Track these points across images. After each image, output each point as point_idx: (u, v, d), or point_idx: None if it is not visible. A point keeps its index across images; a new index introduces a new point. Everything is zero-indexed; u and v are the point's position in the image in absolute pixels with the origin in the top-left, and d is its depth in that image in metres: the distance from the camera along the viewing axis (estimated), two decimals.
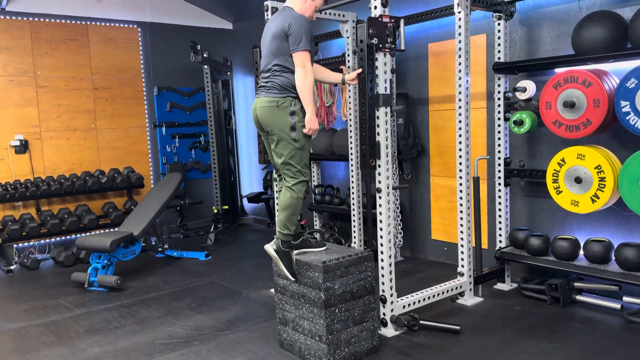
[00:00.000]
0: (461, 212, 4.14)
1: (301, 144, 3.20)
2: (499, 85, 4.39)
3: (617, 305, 3.85)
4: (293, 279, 3.31)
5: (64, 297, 4.83)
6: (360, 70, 3.41)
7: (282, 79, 3.22)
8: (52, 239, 6.39)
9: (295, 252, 3.39)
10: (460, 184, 4.10)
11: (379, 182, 3.55)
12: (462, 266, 4.19)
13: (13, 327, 4.17)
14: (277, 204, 3.27)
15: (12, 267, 5.81)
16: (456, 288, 4.15)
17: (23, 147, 6.24)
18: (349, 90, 5.19)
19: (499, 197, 4.48)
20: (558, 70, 4.07)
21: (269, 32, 3.31)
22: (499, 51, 4.36)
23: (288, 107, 3.17)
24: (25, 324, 4.22)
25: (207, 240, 6.63)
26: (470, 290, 4.23)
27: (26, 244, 6.22)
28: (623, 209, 3.90)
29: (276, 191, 3.46)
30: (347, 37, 5.09)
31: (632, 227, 3.99)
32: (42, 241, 6.34)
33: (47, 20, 6.41)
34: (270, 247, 3.33)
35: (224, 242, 6.80)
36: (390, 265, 3.61)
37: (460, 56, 3.99)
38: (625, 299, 3.83)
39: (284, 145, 3.20)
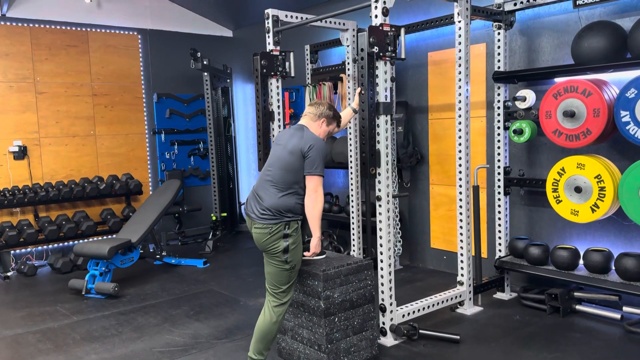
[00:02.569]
0: (461, 220, 4.13)
1: (292, 265, 3.13)
2: (498, 94, 4.40)
3: (617, 315, 3.84)
4: None
5: (61, 304, 4.80)
6: (359, 89, 3.42)
7: (279, 202, 3.09)
8: (50, 246, 6.36)
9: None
10: (460, 193, 4.10)
11: (379, 190, 3.55)
12: (462, 275, 4.18)
13: (9, 334, 4.14)
14: (256, 326, 3.20)
15: (9, 274, 5.78)
16: (456, 297, 4.13)
17: (22, 153, 6.23)
18: (349, 99, 5.20)
19: (499, 206, 4.48)
20: (558, 79, 4.09)
21: (285, 145, 3.20)
22: (499, 60, 4.37)
23: (281, 231, 3.08)
24: (21, 330, 4.19)
25: (206, 248, 6.61)
26: (470, 299, 4.22)
27: (24, 250, 6.19)
28: (623, 219, 3.90)
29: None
30: (348, 46, 5.10)
31: (632, 237, 3.98)
32: (40, 247, 6.31)
33: (47, 26, 6.41)
34: None
35: (222, 249, 6.78)
36: (390, 273, 3.59)
37: (460, 65, 4.00)
38: (625, 309, 3.82)
39: (275, 267, 3.13)
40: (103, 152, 6.85)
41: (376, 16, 3.42)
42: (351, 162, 5.17)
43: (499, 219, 4.49)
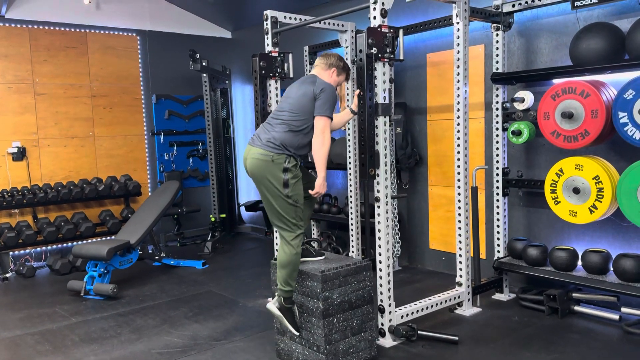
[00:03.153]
0: (459, 221, 4.13)
1: (294, 200, 3.16)
2: (497, 96, 4.40)
3: (616, 316, 3.85)
4: (297, 334, 3.29)
5: (60, 306, 4.79)
6: (358, 91, 3.44)
7: (285, 137, 3.19)
8: (49, 247, 6.36)
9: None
10: (459, 194, 4.10)
11: (378, 191, 3.55)
12: (460, 276, 4.18)
13: (8, 335, 4.13)
14: (276, 259, 3.24)
15: (7, 275, 5.77)
16: (454, 298, 4.14)
17: (20, 154, 6.23)
18: (348, 100, 5.20)
19: (497, 207, 4.48)
20: (556, 81, 4.09)
21: (298, 90, 3.33)
22: (497, 62, 4.38)
23: (282, 163, 3.14)
24: (20, 332, 4.19)
25: (204, 249, 6.61)
26: (469, 300, 4.22)
27: (22, 251, 6.19)
28: (621, 220, 3.90)
29: (276, 244, 3.39)
30: (346, 47, 5.11)
31: (630, 238, 3.99)
32: (39, 249, 6.31)
33: (46, 27, 6.41)
34: (272, 306, 3.26)
35: (221, 250, 6.78)
36: (388, 274, 3.60)
37: (458, 66, 4.00)
38: (623, 309, 3.82)
39: (277, 202, 3.15)
40: (102, 154, 6.85)
41: (375, 17, 3.42)
42: (350, 163, 5.17)
43: (498, 220, 4.49)
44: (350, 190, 5.18)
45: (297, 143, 3.22)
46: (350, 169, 5.18)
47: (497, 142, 4.43)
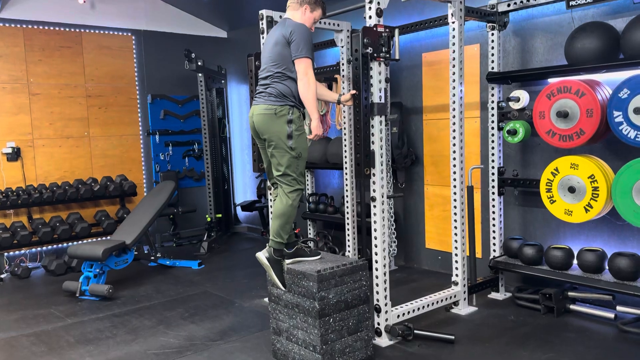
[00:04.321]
0: (455, 221, 4.14)
1: (297, 153, 3.20)
2: (492, 95, 4.41)
3: (611, 315, 3.86)
4: (283, 289, 3.31)
5: (55, 307, 4.78)
6: (355, 91, 3.43)
7: (282, 87, 3.23)
8: (44, 248, 6.33)
9: (289, 261, 3.38)
10: (455, 193, 4.11)
11: (374, 190, 3.55)
12: (456, 275, 4.19)
13: (3, 336, 4.12)
14: (272, 211, 3.26)
15: (2, 276, 5.74)
16: (450, 297, 4.14)
17: (15, 155, 6.20)
18: (343, 94, 5.20)
19: (493, 206, 4.49)
20: (551, 80, 4.10)
21: (271, 40, 3.34)
22: (493, 61, 4.38)
23: (285, 115, 3.18)
24: (15, 333, 4.17)
25: (200, 249, 6.59)
26: (465, 299, 4.23)
27: (17, 252, 6.16)
28: (616, 219, 3.91)
29: (271, 199, 3.46)
30: (342, 47, 5.10)
31: (625, 237, 4.00)
32: (34, 249, 6.28)
33: (41, 27, 6.39)
34: (262, 255, 3.32)
35: (217, 250, 6.77)
36: (384, 274, 3.60)
37: (454, 66, 4.01)
38: (619, 308, 3.83)
39: (280, 154, 3.20)
40: (97, 154, 6.82)
41: (370, 17, 3.42)
42: (346, 162, 5.17)
43: (493, 219, 4.50)
44: (347, 190, 5.18)
45: (294, 90, 3.22)
46: (346, 168, 5.18)
47: (493, 141, 4.44)
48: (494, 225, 4.51)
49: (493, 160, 4.45)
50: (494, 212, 4.49)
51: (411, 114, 5.49)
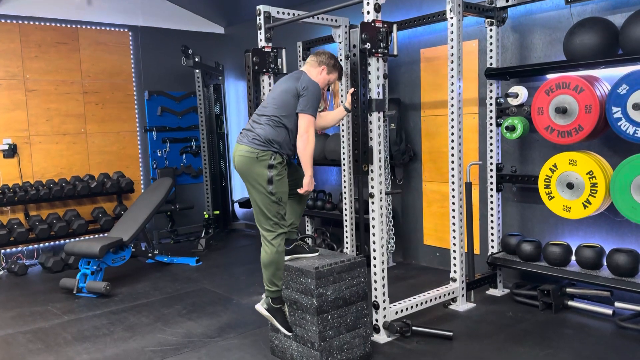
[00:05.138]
0: (453, 217, 4.13)
1: (277, 197, 3.13)
2: (491, 91, 4.40)
3: (609, 311, 3.86)
4: (289, 334, 3.26)
5: (52, 304, 4.76)
6: (353, 89, 3.41)
7: (271, 132, 3.15)
8: (41, 245, 6.31)
9: (287, 257, 3.37)
10: (453, 190, 4.10)
11: (372, 187, 3.54)
12: (455, 272, 4.18)
13: (0, 334, 4.10)
14: (261, 262, 3.21)
15: None
16: (448, 294, 4.14)
17: (11, 152, 6.17)
18: (341, 96, 5.18)
19: (491, 202, 4.48)
20: (550, 76, 4.09)
21: (281, 86, 3.30)
22: (491, 57, 4.37)
23: (267, 160, 3.11)
24: (12, 331, 4.16)
25: (198, 246, 6.58)
26: (463, 296, 4.22)
27: (14, 249, 6.14)
28: (614, 215, 3.91)
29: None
30: (340, 42, 5.09)
31: (623, 233, 4.00)
32: (31, 247, 6.26)
33: (37, 23, 6.35)
34: (261, 307, 3.25)
35: (214, 247, 6.75)
36: (383, 271, 3.59)
37: (452, 62, 3.99)
38: (617, 304, 3.83)
39: (260, 197, 3.13)
40: (94, 150, 6.80)
41: (368, 12, 3.40)
42: (344, 159, 5.15)
43: (492, 215, 4.49)
44: (345, 187, 5.17)
45: (282, 139, 3.18)
46: (344, 165, 5.17)
47: (491, 137, 4.43)
48: (492, 221, 4.50)
49: (491, 157, 4.45)
50: (492, 209, 4.48)
51: (409, 110, 5.47)
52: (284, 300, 3.28)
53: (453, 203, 4.11)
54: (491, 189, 4.48)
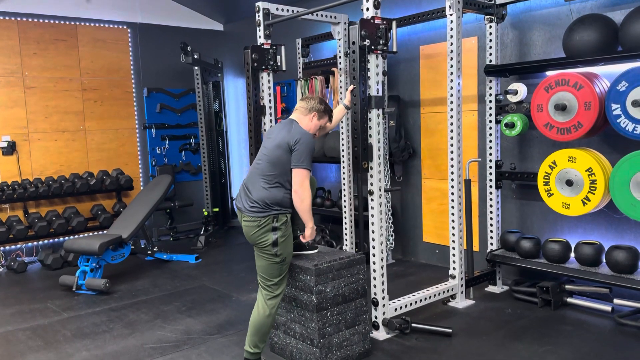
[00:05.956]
0: (452, 214, 4.13)
1: (282, 258, 3.12)
2: (490, 88, 4.39)
3: (608, 308, 3.86)
4: None
5: (52, 301, 4.76)
6: (352, 87, 3.40)
7: (267, 194, 3.09)
8: (40, 242, 6.31)
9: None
10: (452, 187, 4.10)
11: (371, 184, 3.54)
12: (454, 269, 4.19)
13: None
14: (250, 321, 3.19)
15: None
16: (448, 291, 4.14)
17: (10, 149, 6.17)
18: (341, 93, 5.18)
19: (490, 199, 4.48)
20: (549, 73, 4.09)
21: (275, 139, 3.21)
22: (491, 54, 4.36)
23: (270, 224, 3.07)
24: (11, 328, 4.16)
25: (197, 243, 6.58)
26: (462, 292, 4.23)
27: (13, 246, 6.14)
28: (614, 212, 3.91)
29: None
30: (339, 39, 5.08)
31: (622, 230, 4.00)
32: (30, 244, 6.26)
33: (36, 20, 6.33)
34: None
35: (214, 244, 6.75)
36: (382, 267, 3.59)
37: (452, 59, 3.99)
38: (616, 301, 3.84)
39: (265, 259, 3.12)
40: (93, 148, 6.79)
41: (367, 9, 3.39)
42: (343, 156, 5.15)
43: (491, 212, 4.49)
44: (344, 184, 5.17)
45: (280, 198, 3.10)
46: (343, 162, 5.17)
47: (491, 134, 4.43)
48: (491, 218, 4.50)
49: (491, 154, 4.44)
50: (491, 206, 4.48)
51: (409, 107, 5.47)
52: (263, 358, 3.26)
53: (452, 200, 4.11)
54: (490, 186, 4.48)
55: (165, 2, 7.35)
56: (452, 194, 4.10)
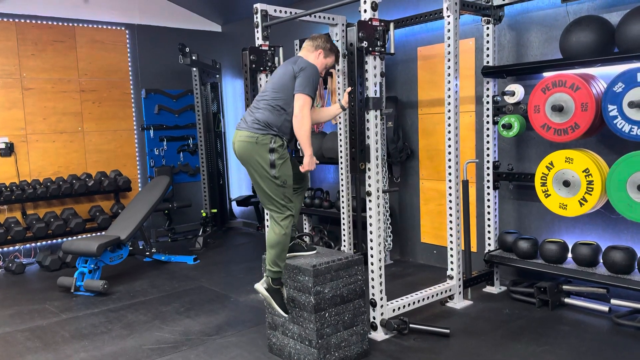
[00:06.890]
0: (450, 215, 4.14)
1: (282, 181, 3.14)
2: (487, 89, 4.41)
3: (605, 308, 3.88)
4: (286, 315, 3.28)
5: (50, 302, 4.76)
6: (350, 88, 3.42)
7: (270, 116, 3.17)
8: (38, 243, 6.31)
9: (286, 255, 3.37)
10: (450, 187, 4.11)
11: (369, 185, 3.54)
12: (452, 269, 4.20)
13: None
14: (267, 241, 3.22)
15: None
16: (445, 291, 4.15)
17: (8, 150, 6.16)
18: (339, 94, 5.19)
19: (488, 200, 4.50)
20: (546, 74, 4.10)
21: (280, 70, 3.32)
22: (488, 55, 4.38)
23: (267, 144, 3.12)
24: (10, 329, 4.16)
25: (196, 244, 6.58)
26: (460, 293, 4.24)
27: (11, 248, 6.14)
28: (611, 212, 3.93)
29: (267, 225, 3.41)
30: (337, 41, 5.08)
31: (619, 230, 4.02)
32: (28, 245, 6.26)
33: (34, 21, 6.33)
34: (261, 287, 3.26)
35: (212, 245, 6.76)
36: (380, 268, 3.60)
37: (449, 60, 4.00)
38: (613, 301, 3.85)
39: (264, 182, 3.14)
40: (91, 149, 6.79)
41: (365, 11, 3.40)
42: (341, 157, 5.16)
43: (488, 213, 4.51)
44: (342, 185, 5.18)
45: (280, 123, 3.19)
46: (341, 163, 5.18)
47: (488, 135, 4.44)
48: (489, 219, 4.51)
49: (488, 155, 4.46)
50: (489, 206, 4.50)
51: (406, 108, 5.48)
52: (283, 282, 3.29)
53: (450, 201, 4.12)
54: (488, 187, 4.49)
55: (163, 3, 7.35)
56: (450, 194, 4.12)
